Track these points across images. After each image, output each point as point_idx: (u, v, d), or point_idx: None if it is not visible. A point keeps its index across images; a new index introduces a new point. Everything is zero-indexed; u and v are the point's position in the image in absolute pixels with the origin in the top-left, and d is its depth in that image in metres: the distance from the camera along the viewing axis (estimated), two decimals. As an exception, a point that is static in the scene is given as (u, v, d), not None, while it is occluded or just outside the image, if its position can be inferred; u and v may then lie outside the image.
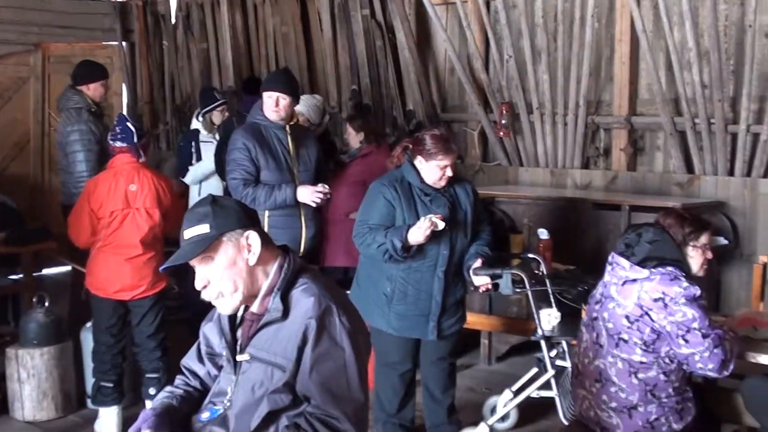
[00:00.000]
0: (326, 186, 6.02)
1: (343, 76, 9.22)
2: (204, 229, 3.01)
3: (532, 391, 5.48)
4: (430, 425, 5.52)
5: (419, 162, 5.10)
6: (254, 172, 5.91)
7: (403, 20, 8.59)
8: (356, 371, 3.02)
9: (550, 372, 5.33)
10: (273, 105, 5.96)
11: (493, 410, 5.71)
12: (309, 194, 5.92)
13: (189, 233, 3.04)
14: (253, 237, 3.06)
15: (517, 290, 5.29)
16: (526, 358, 6.70)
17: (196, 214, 3.06)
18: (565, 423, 5.21)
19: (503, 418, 5.74)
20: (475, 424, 5.52)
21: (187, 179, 7.88)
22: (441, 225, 4.95)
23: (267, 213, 5.89)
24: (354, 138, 7.36)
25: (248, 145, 5.89)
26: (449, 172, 5.09)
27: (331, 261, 7.05)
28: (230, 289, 3.05)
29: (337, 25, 9.17)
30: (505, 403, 5.64)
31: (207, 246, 3.00)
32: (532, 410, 5.75)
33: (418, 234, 4.95)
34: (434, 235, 5.00)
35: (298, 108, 7.25)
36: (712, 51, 6.98)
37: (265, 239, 3.12)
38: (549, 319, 5.49)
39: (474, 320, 6.49)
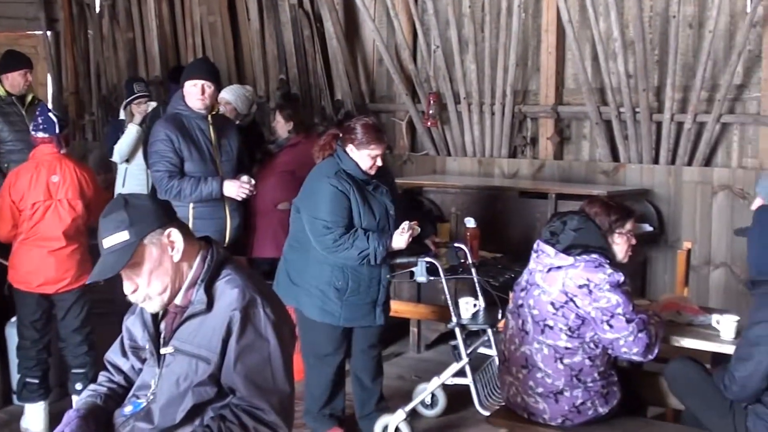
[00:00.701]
0: (252, 179, 5.97)
1: (270, 66, 9.17)
2: (123, 236, 2.93)
3: (447, 379, 5.51)
4: (360, 414, 5.52)
5: (350, 150, 5.06)
6: (178, 163, 5.77)
7: (331, 10, 8.57)
8: (281, 362, 3.00)
9: (465, 360, 5.35)
10: (198, 93, 5.84)
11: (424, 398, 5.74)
12: (235, 188, 5.85)
13: (108, 242, 2.95)
14: (174, 234, 3.01)
15: (431, 278, 5.29)
16: (467, 342, 6.74)
17: (111, 221, 2.97)
18: (481, 411, 5.24)
19: (432, 405, 5.76)
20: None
21: (115, 158, 7.72)
22: (418, 230, 5.04)
23: (192, 204, 5.82)
24: (282, 127, 7.30)
25: (171, 136, 5.75)
26: (380, 162, 5.08)
27: (258, 252, 6.99)
28: (158, 290, 3.01)
29: (264, 15, 9.11)
30: (422, 391, 5.66)
31: (130, 254, 2.93)
32: (463, 397, 5.78)
33: (401, 240, 5.00)
34: (384, 222, 5.08)
35: (226, 97, 7.19)
36: (636, 41, 7.09)
37: (186, 233, 3.07)
38: (468, 307, 5.51)
39: (403, 309, 6.52)
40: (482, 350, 5.63)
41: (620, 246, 4.44)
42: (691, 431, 4.48)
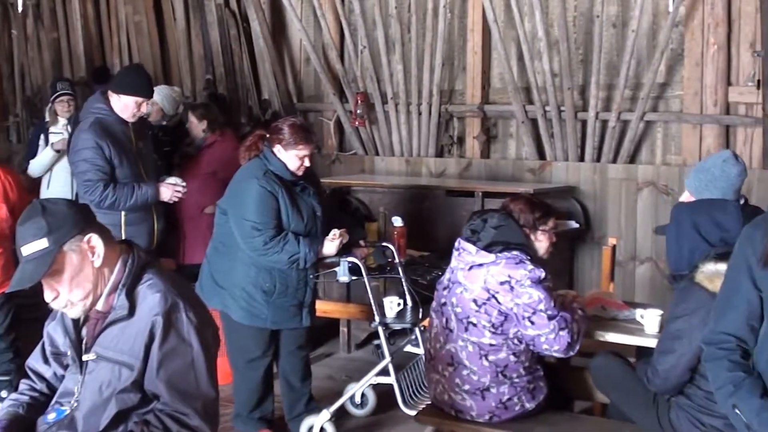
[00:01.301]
0: (181, 180, 5.92)
1: (197, 66, 9.10)
2: (42, 244, 2.88)
3: (371, 378, 5.53)
4: (290, 416, 5.50)
5: (278, 151, 5.03)
6: (109, 171, 5.63)
7: (257, 9, 8.53)
8: (205, 366, 2.98)
9: (387, 359, 5.37)
10: (135, 109, 5.74)
11: (353, 397, 5.73)
12: (170, 192, 5.79)
13: (27, 250, 2.90)
14: (94, 239, 2.96)
15: (354, 278, 5.30)
16: (391, 341, 6.75)
17: (29, 228, 2.91)
18: (405, 410, 5.26)
19: (362, 405, 5.77)
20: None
21: (30, 171, 7.60)
22: (347, 238, 5.07)
23: (123, 212, 5.73)
24: (197, 127, 7.23)
25: (101, 143, 5.59)
26: (308, 162, 5.07)
27: (190, 258, 6.92)
28: (80, 297, 2.97)
29: (190, 15, 9.05)
30: (347, 391, 5.67)
31: (50, 262, 2.88)
32: (393, 396, 5.79)
33: (332, 247, 5.02)
34: (312, 224, 5.10)
35: (153, 98, 7.13)
36: (561, 41, 7.17)
37: (106, 237, 3.02)
38: (392, 306, 5.53)
39: (332, 309, 6.51)
40: (410, 349, 5.65)
41: (542, 243, 4.49)
42: (616, 424, 4.54)
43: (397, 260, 5.71)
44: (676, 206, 4.35)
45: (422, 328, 5.48)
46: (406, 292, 5.63)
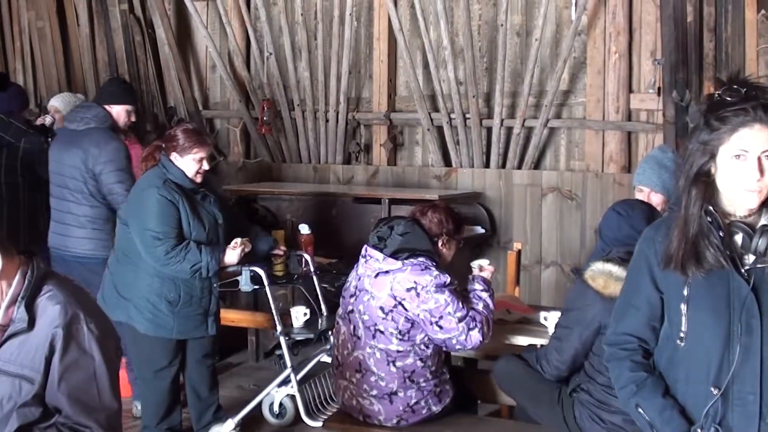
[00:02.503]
0: None
1: (101, 72, 8.95)
2: None
3: (272, 389, 5.51)
4: (198, 427, 5.45)
5: (175, 158, 5.03)
6: None
7: (162, 16, 8.44)
8: (107, 378, 2.92)
9: (288, 369, 5.37)
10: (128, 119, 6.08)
11: (271, 407, 5.69)
12: None
13: None
14: None
15: (256, 288, 5.28)
16: (294, 351, 6.72)
17: None
18: (307, 421, 5.27)
19: (280, 414, 5.71)
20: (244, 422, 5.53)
21: None
22: (250, 246, 5.03)
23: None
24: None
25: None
26: (205, 166, 5.08)
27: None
28: None
29: (94, 20, 8.91)
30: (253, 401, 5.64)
31: None
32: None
33: (233, 255, 5.00)
34: (214, 233, 5.09)
35: (55, 105, 7.03)
36: (466, 49, 7.25)
37: (5, 249, 2.92)
38: (298, 316, 5.51)
39: (240, 318, 6.46)
40: (325, 358, 5.64)
41: (451, 251, 4.55)
42: (520, 426, 4.61)
43: (312, 269, 5.71)
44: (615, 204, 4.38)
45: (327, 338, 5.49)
46: (321, 301, 5.62)
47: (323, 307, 5.68)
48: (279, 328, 5.38)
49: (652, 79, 6.99)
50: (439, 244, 4.47)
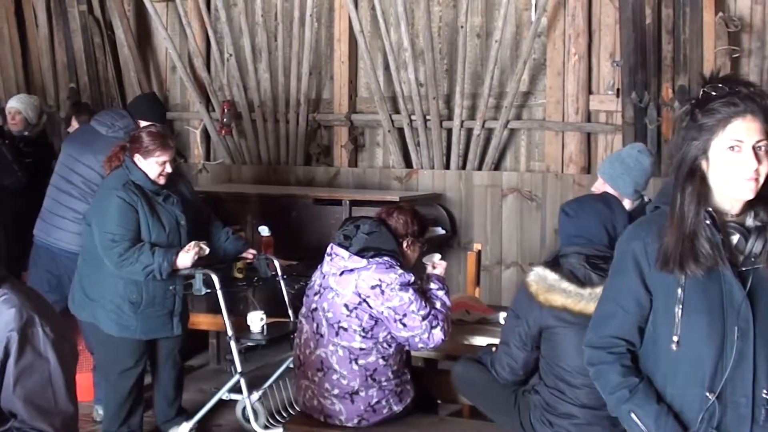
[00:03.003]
0: None
1: (60, 74, 8.88)
2: None
3: (222, 394, 5.47)
4: (162, 426, 5.46)
5: (138, 160, 5.03)
6: None
7: (121, 17, 8.39)
8: (63, 382, 2.89)
9: (237, 376, 5.32)
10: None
11: (243, 410, 5.62)
12: None
13: None
14: None
15: (208, 291, 5.22)
16: (256, 355, 6.68)
17: None
18: (255, 428, 5.25)
19: (255, 418, 5.63)
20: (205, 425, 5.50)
21: None
22: (206, 250, 4.99)
23: None
24: None
25: None
26: (168, 168, 5.07)
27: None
28: None
29: (53, 22, 8.83)
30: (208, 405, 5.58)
31: None
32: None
33: (186, 258, 4.95)
34: (175, 234, 5.08)
35: (15, 106, 6.97)
36: (426, 51, 7.27)
37: None
38: (255, 320, 5.40)
39: (202, 320, 6.40)
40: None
41: (415, 253, 4.59)
42: (482, 425, 4.62)
43: (279, 272, 5.67)
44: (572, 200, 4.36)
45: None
46: (288, 305, 5.55)
47: (290, 311, 5.62)
48: (230, 332, 5.31)
49: (612, 81, 7.05)
50: (404, 245, 4.51)
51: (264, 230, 6.21)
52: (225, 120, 8.06)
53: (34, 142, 7.31)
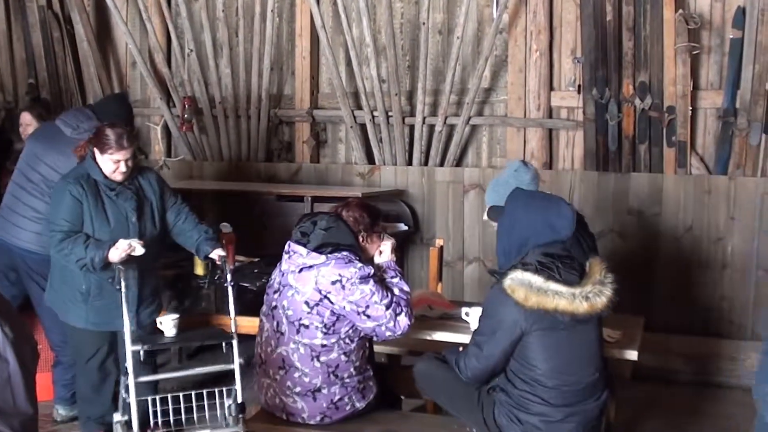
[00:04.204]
0: None
1: (19, 70, 8.77)
2: None
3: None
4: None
5: (97, 155, 5.06)
6: None
7: (81, 12, 8.31)
8: (22, 383, 2.86)
9: (125, 377, 5.18)
10: None
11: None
12: None
13: None
14: None
15: (118, 287, 5.10)
16: (216, 354, 6.61)
17: None
18: None
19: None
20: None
21: None
22: (140, 250, 4.94)
23: None
24: (33, 129, 6.98)
25: None
26: (123, 167, 5.06)
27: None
28: None
29: (11, 16, 8.71)
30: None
31: None
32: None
33: (115, 255, 4.90)
34: (122, 229, 5.06)
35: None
36: (388, 47, 7.26)
37: None
38: (167, 324, 5.10)
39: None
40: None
41: (373, 245, 4.57)
42: (444, 420, 4.64)
43: (228, 277, 5.23)
44: (511, 199, 4.37)
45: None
46: (232, 304, 5.36)
47: (232, 313, 5.15)
48: (127, 336, 4.89)
49: (573, 77, 7.08)
50: (361, 239, 4.49)
51: (226, 227, 6.16)
52: (186, 116, 8.00)
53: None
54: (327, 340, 4.29)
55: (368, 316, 4.26)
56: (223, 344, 4.90)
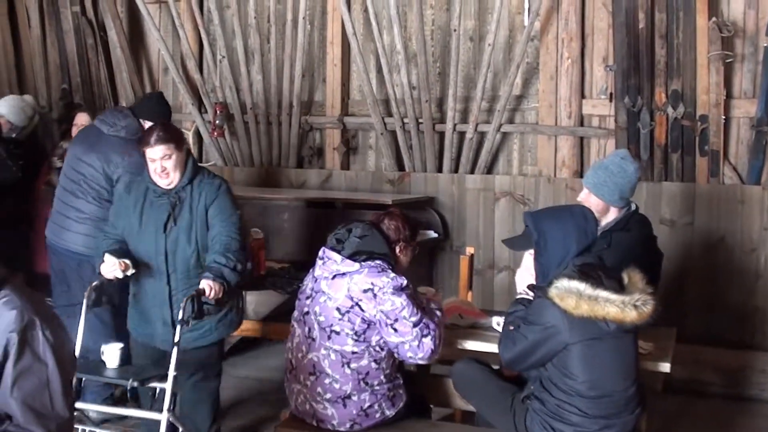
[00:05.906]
0: None
1: (53, 75, 8.85)
2: None
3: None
4: None
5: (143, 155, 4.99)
6: None
7: (114, 18, 8.37)
8: (60, 386, 2.88)
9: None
10: None
11: None
12: None
13: None
14: None
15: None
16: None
17: None
18: None
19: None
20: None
21: None
22: (130, 271, 4.80)
23: None
24: None
25: None
26: (159, 168, 4.89)
27: (43, 267, 6.74)
28: None
29: (46, 22, 8.80)
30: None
31: None
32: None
33: (103, 268, 4.82)
34: (151, 241, 4.93)
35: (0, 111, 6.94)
36: (419, 54, 7.27)
37: None
38: (110, 355, 4.76)
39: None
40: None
41: (408, 258, 4.59)
42: (471, 430, 4.62)
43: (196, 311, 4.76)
44: (531, 217, 4.35)
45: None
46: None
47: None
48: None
49: (604, 85, 7.06)
50: (397, 250, 4.50)
51: (257, 232, 6.18)
52: (217, 122, 8.04)
53: (23, 144, 7.27)
54: (357, 347, 4.28)
55: (395, 330, 4.23)
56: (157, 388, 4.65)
